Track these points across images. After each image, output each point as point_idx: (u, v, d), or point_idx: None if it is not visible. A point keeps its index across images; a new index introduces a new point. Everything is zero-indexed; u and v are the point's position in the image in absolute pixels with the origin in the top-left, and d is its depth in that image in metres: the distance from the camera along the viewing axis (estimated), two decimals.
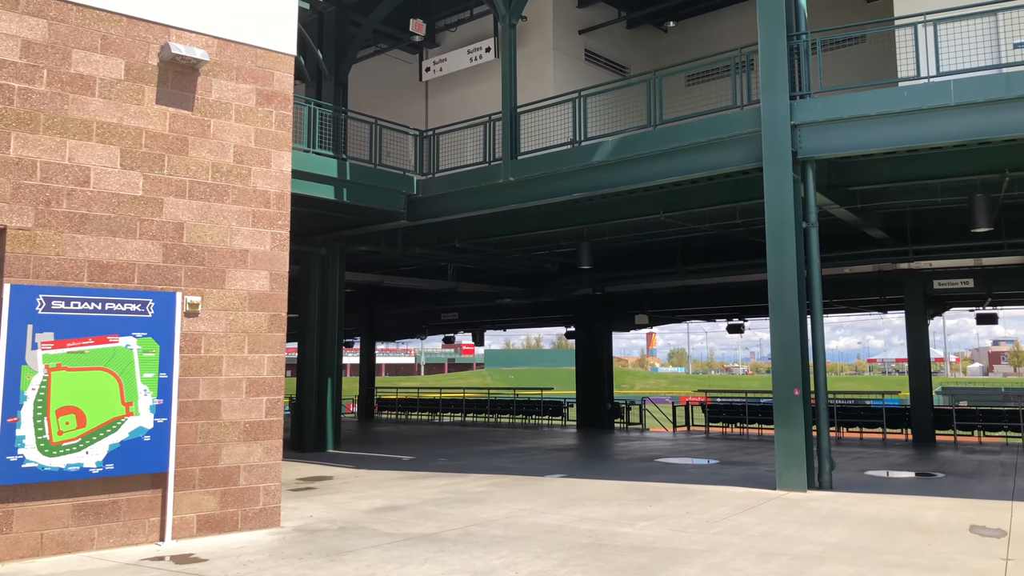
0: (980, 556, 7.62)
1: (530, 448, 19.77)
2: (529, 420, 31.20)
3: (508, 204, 15.94)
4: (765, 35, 12.35)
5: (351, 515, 9.90)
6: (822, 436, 11.99)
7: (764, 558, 7.55)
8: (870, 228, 16.52)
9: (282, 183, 9.32)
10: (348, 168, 16.03)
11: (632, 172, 14.10)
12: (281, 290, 9.24)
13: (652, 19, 20.46)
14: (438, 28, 20.81)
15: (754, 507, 10.38)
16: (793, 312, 11.84)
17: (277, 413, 9.10)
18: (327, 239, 19.13)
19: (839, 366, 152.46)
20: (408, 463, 16.19)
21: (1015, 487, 12.59)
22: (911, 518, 9.67)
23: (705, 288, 25.66)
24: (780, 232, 11.98)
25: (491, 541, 8.31)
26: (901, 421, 23.44)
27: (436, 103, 20.94)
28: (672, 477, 13.79)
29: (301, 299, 18.96)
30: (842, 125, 11.93)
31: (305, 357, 19.20)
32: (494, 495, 11.55)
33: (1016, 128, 11.03)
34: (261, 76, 9.28)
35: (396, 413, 36.47)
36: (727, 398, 30.71)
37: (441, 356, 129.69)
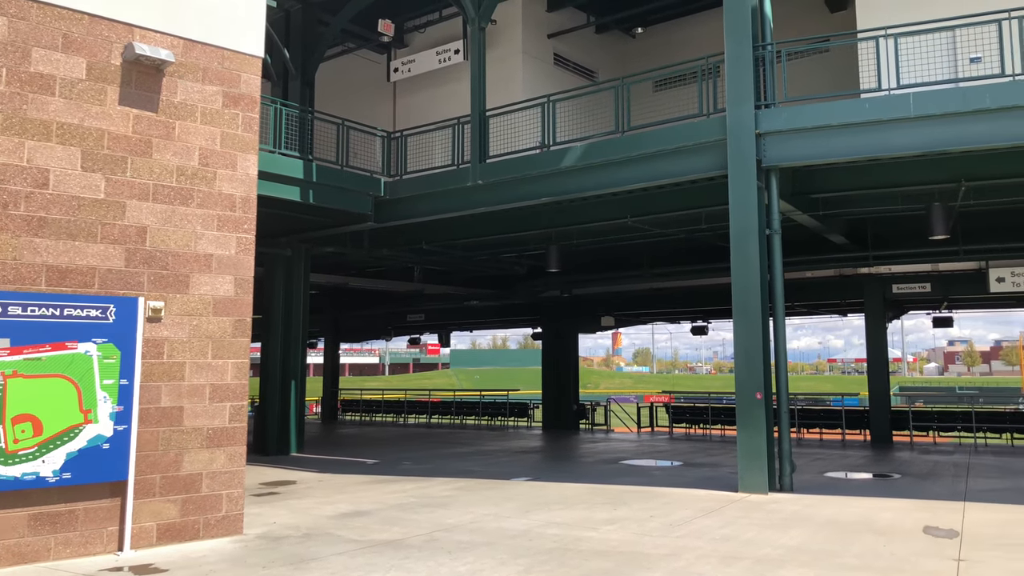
0: (933, 557, 7.80)
1: (496, 451, 19.79)
2: (495, 421, 31.21)
3: (476, 207, 15.95)
4: (731, 45, 12.50)
5: (315, 521, 9.85)
6: (783, 439, 12.17)
7: (726, 561, 7.65)
8: (832, 234, 16.80)
9: (248, 186, 9.23)
10: (314, 169, 15.91)
11: (600, 177, 14.19)
12: (246, 295, 9.16)
13: (621, 24, 20.57)
14: (407, 29, 20.72)
15: (716, 510, 10.51)
16: (756, 318, 12.01)
17: (241, 419, 9.02)
18: (292, 240, 18.97)
19: (800, 366, 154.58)
20: (373, 467, 16.12)
21: (967, 488, 12.89)
22: (868, 520, 9.86)
23: (671, 291, 25.87)
24: (744, 239, 12.15)
25: (457, 547, 8.32)
26: (860, 422, 23.85)
27: (404, 104, 20.86)
28: (637, 479, 13.90)
29: (265, 301, 18.79)
30: (805, 134, 12.13)
31: (269, 359, 19.03)
32: (460, 499, 11.55)
33: (972, 140, 11.31)
34: (228, 78, 9.19)
35: (360, 414, 36.27)
36: (690, 396, 31.02)
37: (406, 356, 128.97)
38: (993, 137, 11.20)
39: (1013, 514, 10.28)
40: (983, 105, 11.03)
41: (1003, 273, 18.34)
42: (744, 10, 12.48)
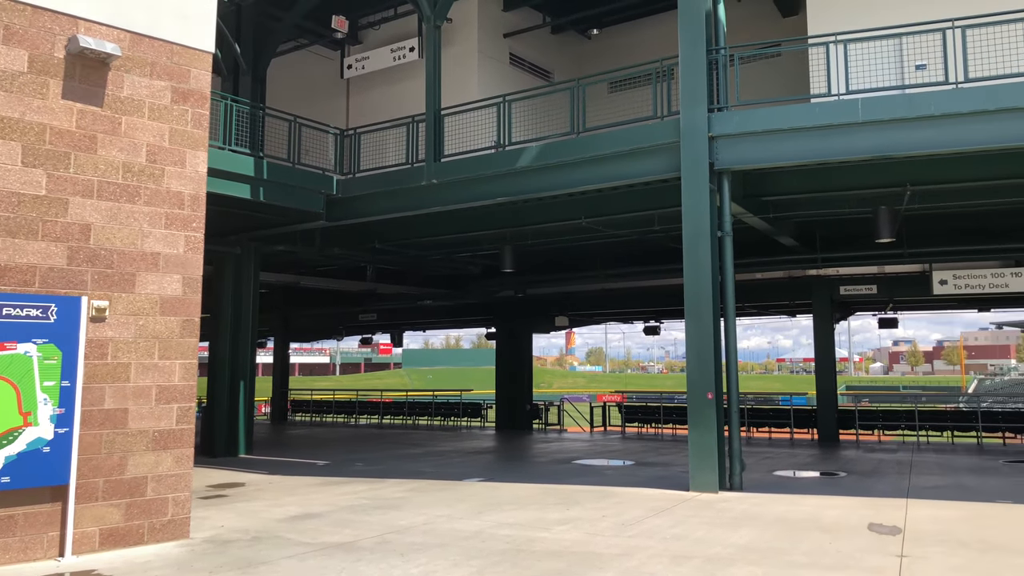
0: (877, 554, 7.97)
1: (449, 451, 19.72)
2: (448, 422, 31.11)
3: (431, 207, 15.86)
4: (685, 48, 12.62)
5: (264, 524, 9.69)
6: (733, 438, 12.32)
7: (677, 561, 7.71)
8: (782, 236, 17.07)
9: (197, 184, 9.04)
10: (265, 167, 15.67)
11: (555, 178, 14.22)
12: (195, 294, 8.97)
13: (576, 25, 20.65)
14: (361, 25, 20.52)
15: (668, 509, 10.60)
16: (708, 320, 12.14)
17: (189, 421, 8.83)
18: (242, 239, 18.66)
19: (750, 365, 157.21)
20: (324, 468, 15.94)
21: (910, 485, 13.21)
22: (816, 518, 10.03)
23: (624, 291, 26.05)
24: (696, 241, 12.27)
25: (409, 549, 8.25)
26: (808, 421, 24.31)
27: (358, 101, 20.66)
28: (589, 479, 13.96)
29: (214, 299, 18.45)
30: (757, 138, 12.30)
31: (217, 358, 18.70)
32: (412, 501, 11.47)
33: (917, 146, 11.58)
34: (177, 73, 8.99)
35: (311, 415, 35.86)
36: (643, 396, 31.32)
37: (357, 356, 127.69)
38: (937, 143, 11.48)
39: (954, 511, 10.55)
40: (928, 112, 11.31)
41: (946, 276, 18.85)
42: (698, 14, 12.61)
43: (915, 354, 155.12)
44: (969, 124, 11.28)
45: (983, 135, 11.29)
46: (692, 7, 12.65)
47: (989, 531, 9.12)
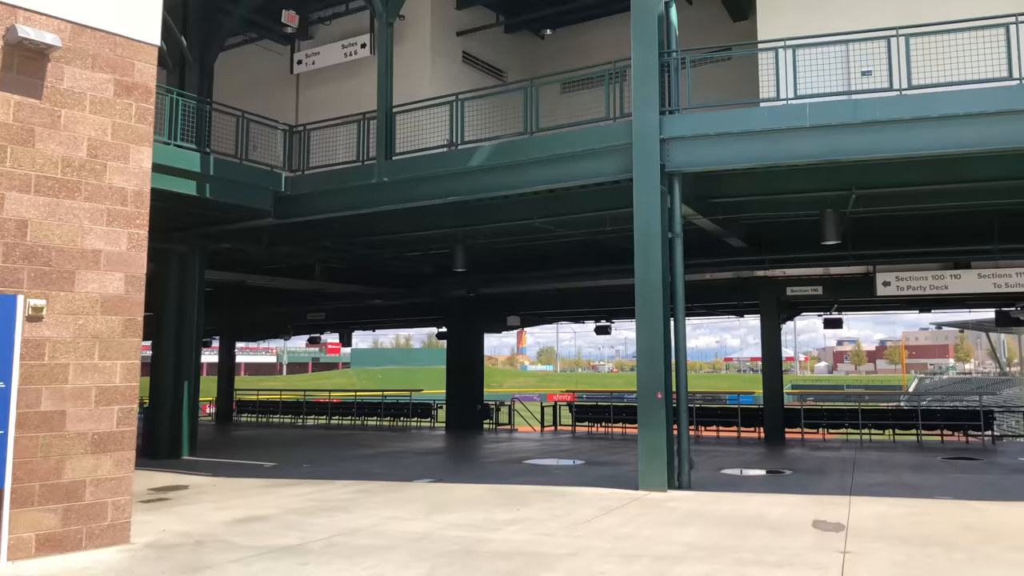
0: (822, 550, 8.11)
1: (398, 452, 19.58)
2: (397, 422, 30.90)
3: (382, 205, 15.71)
4: (638, 52, 12.70)
5: (209, 528, 9.48)
6: (682, 437, 12.43)
7: (627, 560, 7.75)
8: (730, 238, 17.29)
9: (141, 180, 8.80)
10: (212, 163, 15.35)
11: (508, 178, 14.19)
12: (137, 293, 8.73)
13: (530, 25, 20.65)
14: (312, 20, 20.22)
15: (618, 508, 10.66)
16: (658, 320, 12.23)
17: (130, 423, 8.59)
18: (187, 236, 18.25)
19: (698, 364, 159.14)
20: (271, 470, 15.69)
21: (853, 482, 13.50)
22: (762, 515, 10.18)
23: (576, 291, 26.15)
24: (648, 242, 12.35)
25: (358, 551, 8.15)
26: (755, 420, 24.70)
27: (308, 97, 20.36)
28: (539, 479, 13.98)
29: (157, 298, 17.96)
30: (708, 141, 12.43)
31: (160, 358, 18.26)
32: (361, 502, 11.34)
33: (862, 150, 11.83)
34: (120, 66, 8.73)
35: (257, 416, 35.29)
36: (593, 395, 31.50)
37: (305, 355, 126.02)
38: (882, 148, 11.75)
39: (894, 507, 10.80)
40: (873, 117, 11.56)
41: (889, 278, 19.30)
42: (651, 17, 12.69)
43: (859, 354, 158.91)
44: (911, 130, 11.56)
45: (924, 141, 11.58)
46: (645, 10, 12.74)
47: (928, 527, 9.35)
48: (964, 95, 11.35)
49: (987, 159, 12.73)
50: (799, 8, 14.15)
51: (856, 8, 13.52)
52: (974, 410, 23.79)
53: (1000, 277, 18.35)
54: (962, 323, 55.24)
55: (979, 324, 50.43)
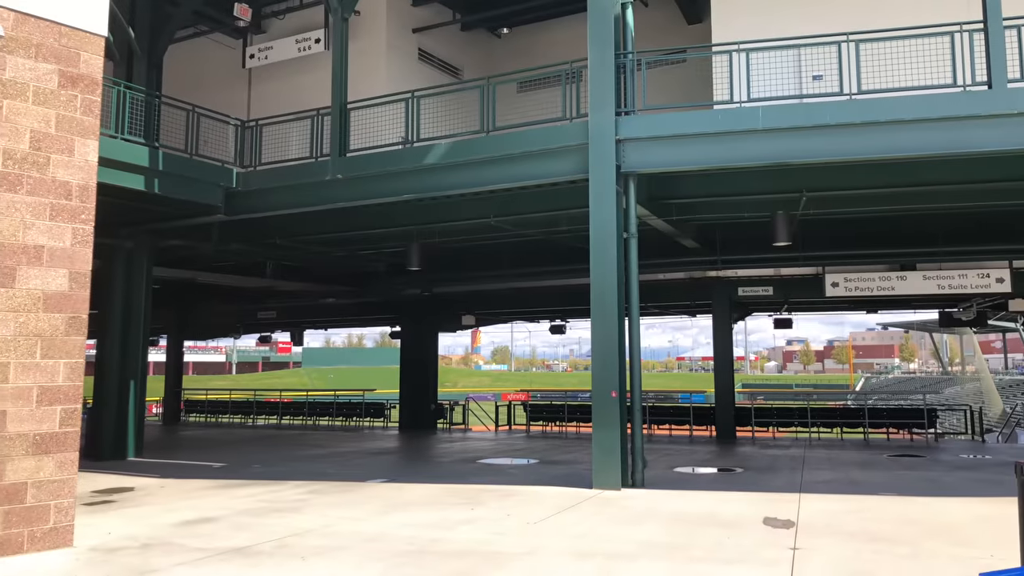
0: (772, 547, 8.22)
1: (351, 452, 19.39)
2: (350, 422, 30.61)
3: (335, 202, 15.52)
4: (594, 52, 12.74)
5: (156, 530, 9.26)
6: (636, 436, 12.51)
7: (581, 557, 7.76)
8: (684, 238, 17.47)
9: (86, 174, 8.55)
10: (161, 157, 15.02)
11: (464, 176, 14.13)
12: (82, 290, 8.48)
13: (486, 24, 20.61)
14: (264, 14, 19.91)
15: (572, 507, 10.68)
16: (613, 320, 12.29)
17: (73, 423, 8.35)
18: (134, 232, 17.83)
19: (651, 363, 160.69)
20: (220, 470, 15.41)
21: (802, 480, 13.72)
22: (714, 513, 10.29)
23: (531, 290, 26.18)
24: (603, 242, 12.40)
25: (310, 553, 8.03)
26: (707, 418, 25.00)
27: (260, 92, 20.05)
28: (494, 478, 13.95)
29: (103, 295, 17.55)
30: (663, 142, 12.53)
31: (105, 357, 17.81)
32: (313, 503, 11.19)
33: (813, 154, 12.04)
34: (65, 56, 8.47)
35: (205, 416, 34.67)
36: (547, 393, 31.60)
37: (255, 354, 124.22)
38: (832, 151, 11.96)
39: (843, 504, 11.00)
40: (824, 121, 11.76)
41: (837, 279, 19.69)
42: (607, 18, 12.75)
43: (807, 353, 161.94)
44: (860, 134, 11.80)
45: (873, 145, 11.82)
46: (601, 11, 12.79)
47: (875, 523, 9.55)
48: (911, 101, 11.61)
49: (933, 163, 13.08)
50: (753, 12, 14.36)
51: (809, 14, 13.76)
52: (919, 409, 24.39)
53: (944, 279, 18.85)
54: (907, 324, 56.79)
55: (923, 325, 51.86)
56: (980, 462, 17.08)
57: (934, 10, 12.46)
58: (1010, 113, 11.26)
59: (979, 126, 11.44)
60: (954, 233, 17.58)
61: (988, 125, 11.40)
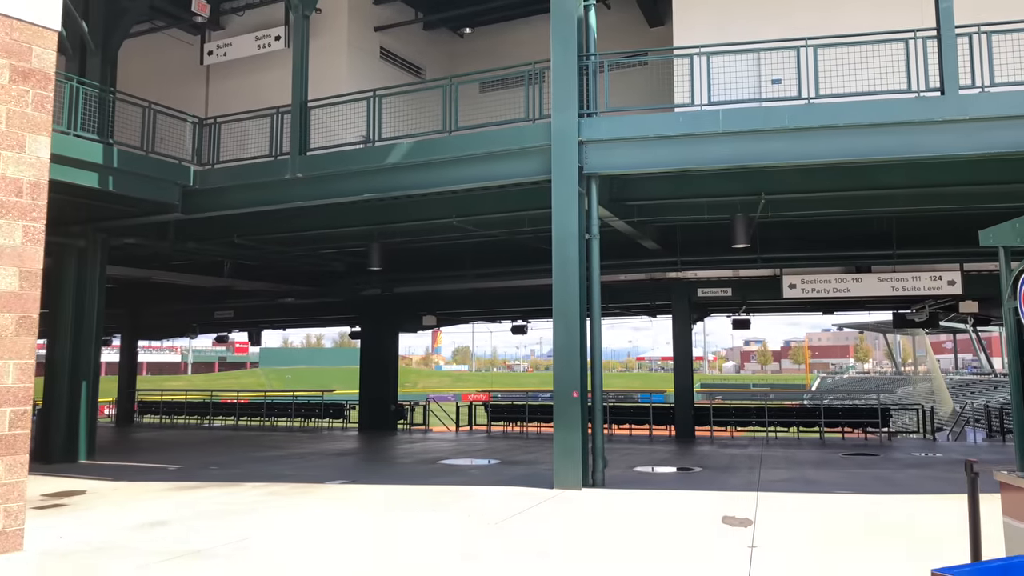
0: (731, 545, 8.30)
1: (310, 453, 19.19)
2: (309, 423, 30.32)
3: (295, 201, 15.36)
4: (557, 54, 12.77)
5: (109, 533, 9.06)
6: (597, 436, 12.56)
7: (542, 557, 7.77)
8: (645, 240, 17.60)
9: (39, 171, 8.33)
10: (116, 154, 14.71)
11: (426, 176, 14.07)
12: (33, 289, 8.27)
13: (449, 23, 20.54)
14: (223, 10, 19.61)
15: (533, 507, 10.68)
16: (575, 320, 12.33)
17: (23, 425, 8.13)
18: (87, 230, 17.42)
19: (611, 363, 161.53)
20: (175, 472, 15.14)
21: (760, 479, 13.91)
22: (673, 512, 10.38)
23: (492, 291, 26.19)
24: (565, 243, 12.43)
25: (266, 554, 7.92)
26: (666, 418, 25.22)
27: (218, 89, 19.76)
28: (455, 479, 13.90)
29: (55, 294, 17.14)
30: (625, 144, 12.60)
31: (56, 357, 17.37)
32: (271, 504, 11.04)
33: (772, 157, 12.20)
34: (17, 51, 8.24)
35: (160, 417, 34.09)
36: (508, 393, 31.61)
37: (211, 354, 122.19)
38: (790, 155, 12.14)
39: (799, 502, 11.17)
40: (782, 124, 11.93)
41: (795, 280, 20.00)
42: (570, 20, 12.78)
43: (765, 353, 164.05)
44: (818, 138, 11.99)
45: (830, 149, 12.02)
46: (564, 13, 12.82)
47: (830, 520, 9.71)
48: (868, 105, 11.83)
49: (888, 167, 13.34)
50: (714, 17, 14.51)
51: (769, 19, 13.95)
52: (873, 408, 24.86)
53: (898, 281, 19.24)
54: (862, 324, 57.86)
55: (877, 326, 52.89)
56: (931, 460, 17.46)
57: (890, 17, 12.72)
58: (961, 119, 11.53)
59: (932, 131, 11.70)
60: (908, 236, 17.97)
61: (940, 130, 11.67)
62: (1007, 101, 11.42)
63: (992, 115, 11.45)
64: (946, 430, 31.64)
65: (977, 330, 52.04)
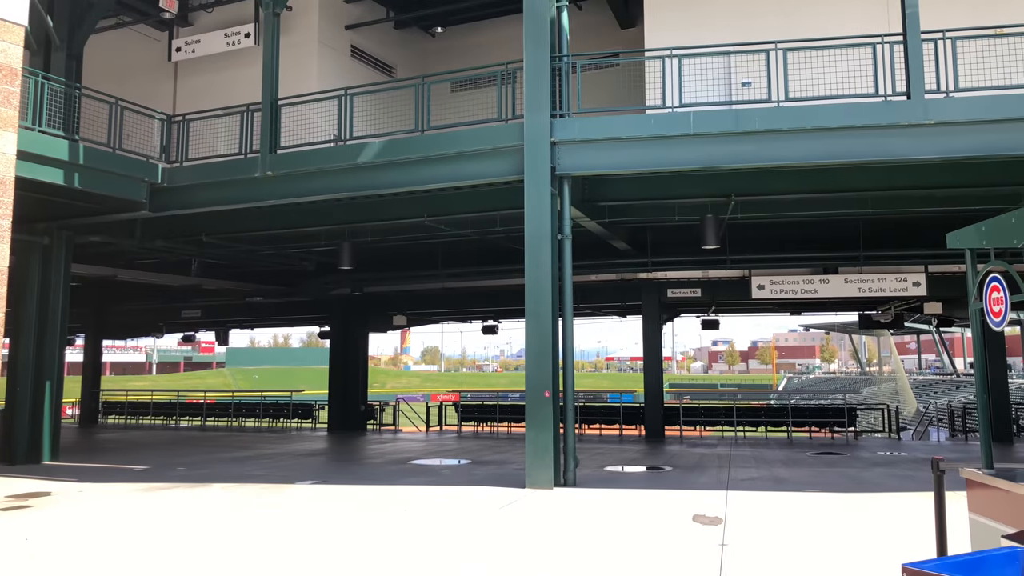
0: (701, 544, 8.36)
1: (279, 454, 19.03)
2: (277, 423, 30.06)
3: (265, 199, 15.23)
4: (530, 54, 12.79)
5: (76, 535, 8.90)
6: (568, 435, 12.60)
7: (512, 557, 7.76)
8: (615, 240, 17.69)
9: (4, 167, 8.19)
10: (81, 151, 14.47)
11: (398, 175, 14.02)
12: None
13: (420, 22, 20.48)
14: (192, 7, 19.36)
15: (504, 506, 10.68)
16: (547, 320, 12.36)
17: None
18: (51, 227, 17.10)
19: (581, 363, 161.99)
20: (142, 473, 14.93)
21: (729, 477, 14.05)
22: (644, 511, 10.43)
23: (463, 291, 26.16)
24: (538, 244, 12.46)
25: (240, 556, 7.83)
26: (636, 418, 25.37)
27: (187, 86, 19.51)
28: (425, 479, 13.86)
29: (18, 293, 16.81)
30: (596, 145, 12.66)
31: (19, 357, 17.02)
32: (240, 505, 10.92)
33: (742, 159, 12.32)
34: None
35: (125, 417, 33.60)
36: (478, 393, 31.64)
37: (176, 354, 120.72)
38: (760, 157, 12.27)
39: (768, 500, 11.30)
40: (752, 127, 12.05)
41: (763, 281, 20.21)
42: (543, 21, 12.81)
43: (732, 354, 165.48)
44: (787, 141, 12.14)
45: (799, 151, 12.18)
46: (537, 14, 12.85)
47: (800, 519, 9.83)
48: (836, 109, 11.99)
49: (855, 170, 13.54)
50: (683, 19, 14.63)
51: (739, 23, 14.09)
52: (839, 408, 25.21)
53: (864, 282, 19.53)
54: (828, 325, 58.67)
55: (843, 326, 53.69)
56: (897, 459, 17.75)
57: (858, 22, 12.91)
58: (926, 123, 11.74)
59: (898, 135, 11.90)
60: (874, 238, 18.25)
61: (906, 134, 11.87)
62: (971, 106, 11.65)
63: (956, 120, 11.68)
64: (910, 429, 32.20)
65: (940, 331, 53.02)
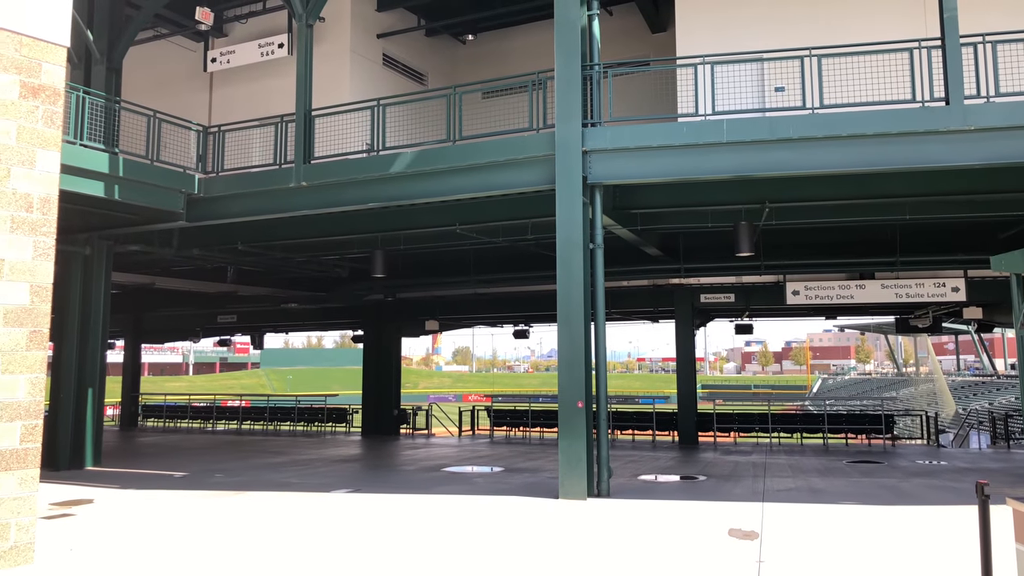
0: (737, 559, 8.30)
1: (314, 460, 19.21)
2: (311, 427, 30.34)
3: (299, 209, 15.38)
4: (561, 63, 12.78)
5: (119, 544, 9.08)
6: (602, 444, 12.57)
7: (550, 569, 7.78)
8: (647, 247, 17.62)
9: (48, 186, 8.36)
10: (121, 163, 14.75)
11: (430, 185, 14.09)
12: (43, 303, 8.29)
13: (451, 30, 20.57)
14: (227, 18, 19.64)
15: (539, 518, 10.70)
16: (579, 329, 12.35)
17: (35, 439, 8.16)
18: (93, 238, 17.46)
19: (612, 364, 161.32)
20: (182, 480, 15.17)
21: (765, 488, 13.89)
22: (679, 523, 10.38)
23: (494, 296, 26.21)
24: (570, 252, 12.45)
25: (283, 564, 7.94)
26: (669, 423, 25.24)
27: (222, 96, 19.79)
28: (459, 488, 13.92)
29: (61, 301, 17.18)
30: (628, 154, 12.62)
31: (62, 364, 17.42)
32: (277, 513, 11.06)
33: (776, 167, 12.20)
34: (26, 67, 8.27)
35: (164, 421, 34.12)
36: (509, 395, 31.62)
37: (212, 355, 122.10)
38: (795, 164, 12.14)
39: (805, 513, 11.17)
40: (787, 135, 11.94)
41: (798, 287, 20.03)
42: (574, 29, 12.80)
43: (766, 354, 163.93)
44: (822, 148, 12.00)
45: (835, 159, 12.03)
46: (568, 22, 12.84)
47: (837, 534, 9.71)
48: (872, 116, 11.83)
49: (891, 176, 13.36)
50: (715, 23, 14.53)
51: (772, 27, 13.97)
52: (876, 414, 24.87)
53: (901, 288, 19.27)
54: (863, 326, 57.87)
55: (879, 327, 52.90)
56: (936, 468, 17.46)
57: (894, 27, 12.74)
58: (966, 129, 11.54)
59: (936, 141, 11.71)
60: (912, 243, 17.98)
61: (945, 140, 11.68)
62: (1012, 111, 11.43)
63: (997, 125, 11.46)
64: (949, 432, 31.67)
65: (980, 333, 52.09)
